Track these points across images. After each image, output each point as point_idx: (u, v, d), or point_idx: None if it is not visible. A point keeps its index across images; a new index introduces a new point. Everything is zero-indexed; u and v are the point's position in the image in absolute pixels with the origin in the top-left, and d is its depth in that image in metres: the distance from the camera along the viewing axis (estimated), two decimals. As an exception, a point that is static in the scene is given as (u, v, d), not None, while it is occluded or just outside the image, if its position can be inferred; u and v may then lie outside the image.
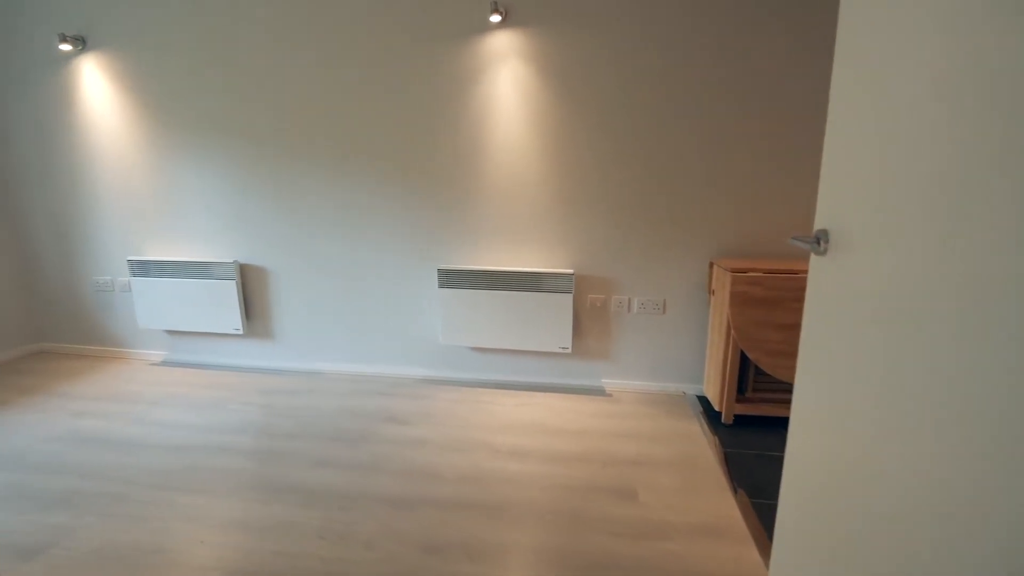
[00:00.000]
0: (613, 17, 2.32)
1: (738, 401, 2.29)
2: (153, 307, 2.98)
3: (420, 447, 2.12)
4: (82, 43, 2.75)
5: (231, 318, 2.91)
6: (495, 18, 2.35)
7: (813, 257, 1.03)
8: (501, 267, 2.63)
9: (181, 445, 2.14)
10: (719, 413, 2.32)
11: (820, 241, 0.98)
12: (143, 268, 2.94)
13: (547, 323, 2.57)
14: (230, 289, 2.87)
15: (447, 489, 1.85)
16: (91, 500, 1.78)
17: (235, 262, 2.84)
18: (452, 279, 2.62)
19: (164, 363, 3.12)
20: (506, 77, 2.46)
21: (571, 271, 2.53)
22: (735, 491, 1.82)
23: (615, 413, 2.44)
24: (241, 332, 2.92)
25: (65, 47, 2.69)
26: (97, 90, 2.81)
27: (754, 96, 2.30)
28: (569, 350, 2.60)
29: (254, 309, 2.98)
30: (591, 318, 2.66)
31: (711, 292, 2.43)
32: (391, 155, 2.63)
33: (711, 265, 2.44)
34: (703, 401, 2.55)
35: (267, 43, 2.61)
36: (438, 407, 2.50)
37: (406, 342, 2.86)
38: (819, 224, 1.01)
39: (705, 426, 2.30)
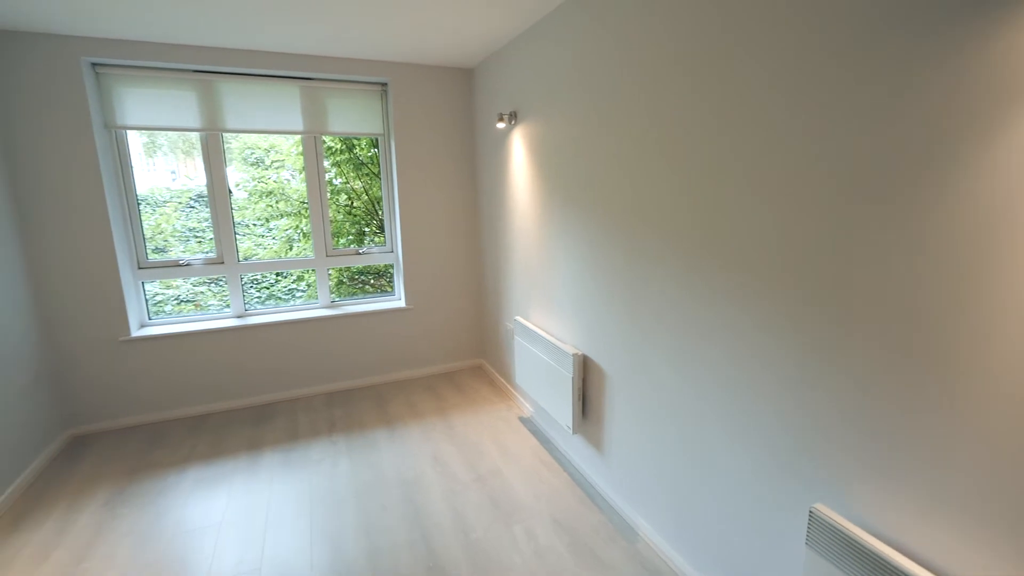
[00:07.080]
0: None
1: None
2: (524, 367, 3.02)
3: None
4: (513, 118, 2.94)
5: (565, 412, 2.55)
6: None
7: None
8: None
9: (434, 566, 1.97)
10: None
11: None
12: (521, 331, 3.00)
13: None
14: (567, 382, 2.49)
15: None
16: (339, 593, 1.85)
17: (574, 355, 2.42)
18: (843, 553, 1.20)
19: (527, 420, 3.16)
20: None
21: None
22: None
23: None
24: (571, 430, 2.52)
25: (501, 124, 2.95)
26: (519, 158, 2.97)
27: None
28: None
29: (591, 409, 2.49)
30: None
31: None
32: (772, 257, 1.43)
33: None
34: None
35: (636, 126, 1.92)
36: None
37: (744, 564, 1.64)
38: None
39: None
